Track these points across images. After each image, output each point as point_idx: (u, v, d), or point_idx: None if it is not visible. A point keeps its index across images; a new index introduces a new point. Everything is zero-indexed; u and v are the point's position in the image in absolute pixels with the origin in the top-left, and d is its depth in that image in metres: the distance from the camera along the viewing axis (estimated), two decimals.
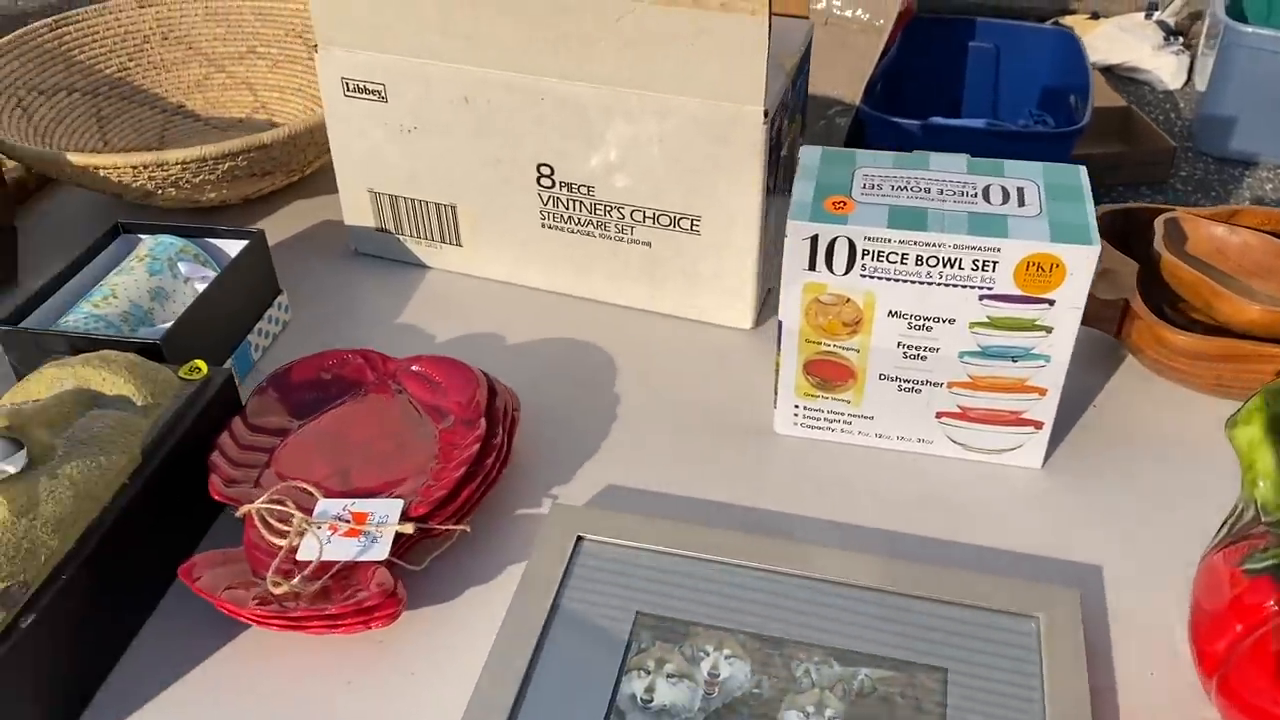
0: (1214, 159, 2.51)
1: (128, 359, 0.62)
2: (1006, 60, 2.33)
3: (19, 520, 0.51)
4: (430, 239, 0.85)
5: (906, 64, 2.17)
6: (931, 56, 2.27)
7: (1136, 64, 2.89)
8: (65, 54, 1.02)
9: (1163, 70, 2.86)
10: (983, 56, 2.33)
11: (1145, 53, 2.89)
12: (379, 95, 0.79)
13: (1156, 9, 3.00)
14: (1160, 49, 2.89)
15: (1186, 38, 2.98)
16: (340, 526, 0.57)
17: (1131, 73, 2.88)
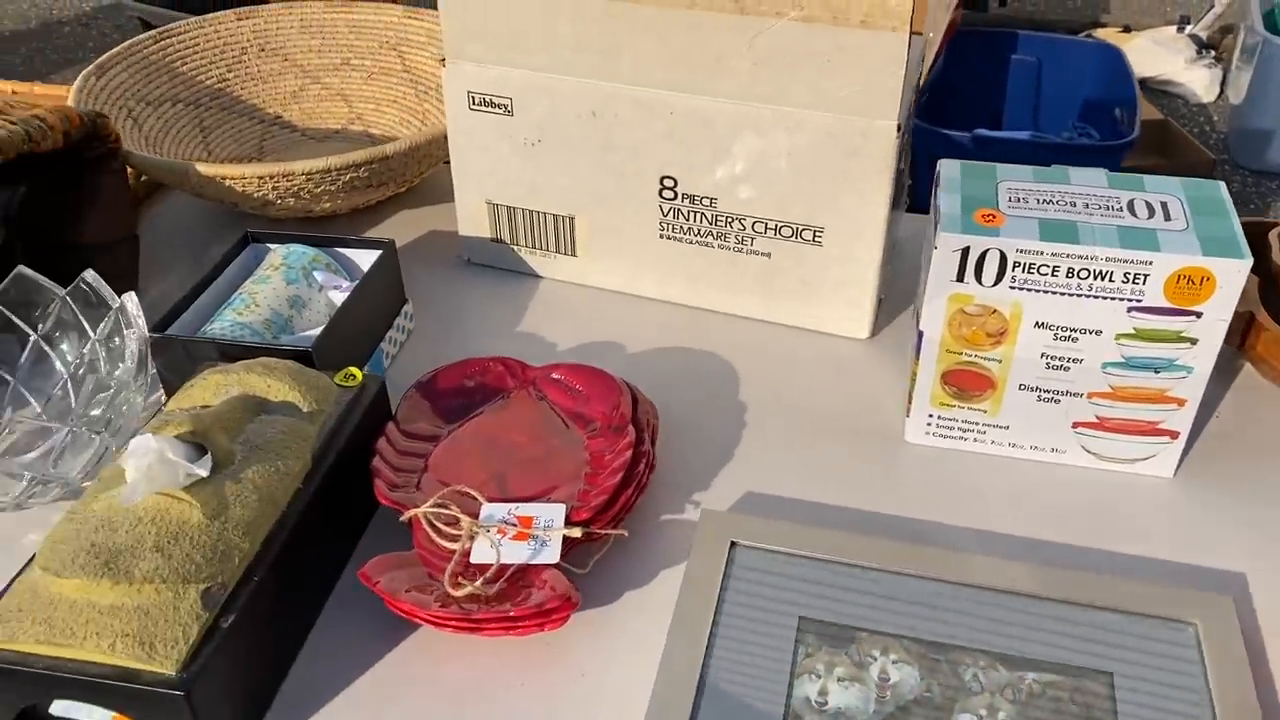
0: (1251, 172, 2.52)
1: (289, 366, 0.63)
2: (1048, 73, 2.35)
3: (212, 523, 0.53)
4: (545, 249, 0.86)
5: (950, 76, 2.19)
6: (974, 69, 2.29)
7: (1170, 77, 2.90)
8: (169, 65, 1.03)
9: (1196, 83, 2.88)
10: (1024, 69, 2.35)
11: (1178, 66, 2.90)
12: (505, 109, 0.80)
13: (1189, 23, 3.01)
14: (1193, 62, 2.90)
15: (1218, 51, 3.00)
16: (508, 530, 0.59)
17: (1165, 86, 2.90)
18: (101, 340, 0.71)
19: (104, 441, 0.63)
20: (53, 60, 3.46)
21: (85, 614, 0.49)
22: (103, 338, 0.71)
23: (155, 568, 0.50)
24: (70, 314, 0.71)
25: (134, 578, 0.49)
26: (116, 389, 0.63)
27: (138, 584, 0.49)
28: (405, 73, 1.09)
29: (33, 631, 0.49)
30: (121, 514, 0.52)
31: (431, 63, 1.07)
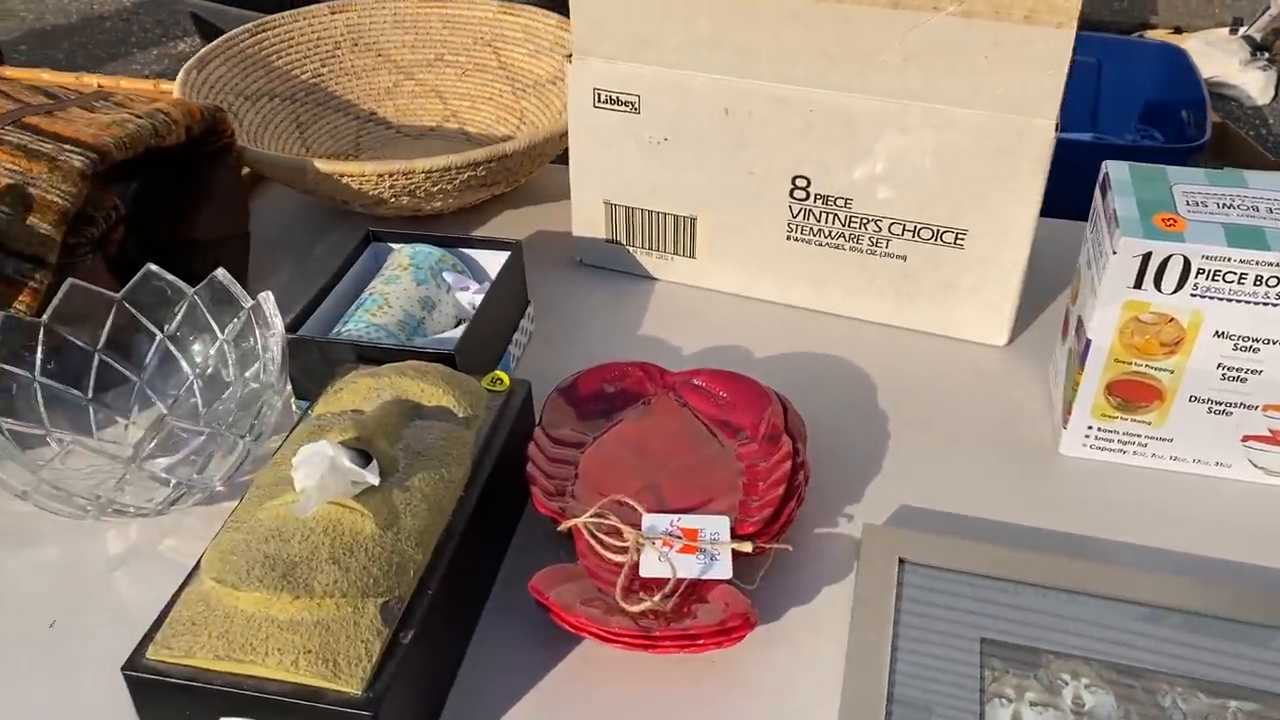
0: None
1: (440, 370, 0.61)
2: (1107, 74, 2.32)
3: (385, 534, 0.51)
4: (662, 251, 0.84)
5: None
6: None
7: (1224, 79, 2.86)
8: (265, 59, 1.01)
9: (1250, 86, 2.84)
10: (1084, 70, 2.31)
11: (1232, 68, 2.86)
12: (632, 107, 0.78)
13: (1243, 24, 2.97)
14: (1247, 64, 2.86)
15: (1272, 53, 2.96)
16: (674, 543, 0.56)
17: (1218, 88, 2.86)
18: (231, 341, 0.69)
19: (246, 446, 0.61)
20: (95, 55, 3.46)
21: (264, 629, 0.47)
22: (231, 338, 0.69)
23: (334, 581, 0.48)
24: (199, 313, 0.69)
25: (314, 591, 0.47)
26: (259, 391, 0.61)
27: (318, 598, 0.47)
28: (500, 69, 1.07)
29: (210, 646, 0.47)
30: (292, 524, 0.50)
31: (528, 59, 1.05)
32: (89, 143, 0.67)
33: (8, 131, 0.68)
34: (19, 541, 0.63)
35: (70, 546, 0.63)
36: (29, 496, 0.57)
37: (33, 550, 0.62)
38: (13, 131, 0.68)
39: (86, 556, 0.62)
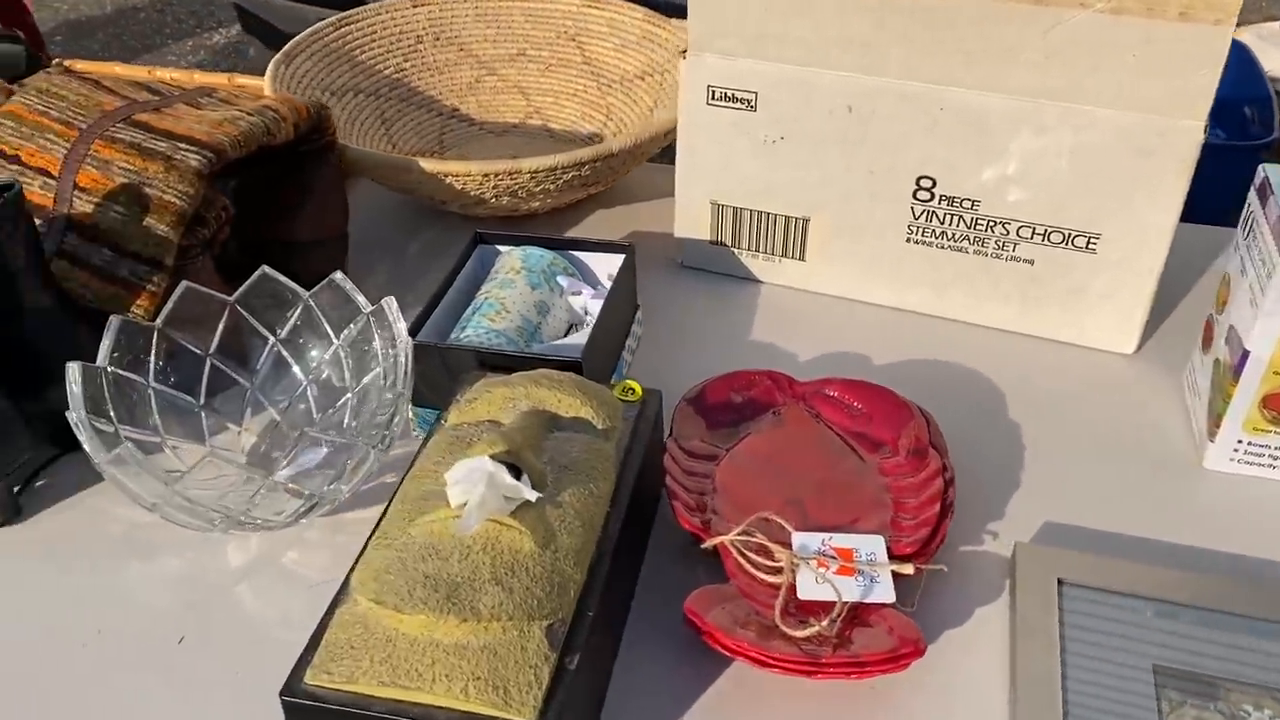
0: None
1: (575, 380, 0.59)
2: None
3: (544, 552, 0.48)
4: (770, 253, 0.82)
5: None
6: None
7: (1275, 74, 2.81)
8: (348, 54, 0.99)
9: None
10: None
11: None
12: (748, 104, 0.75)
13: None
14: None
15: None
16: (829, 563, 0.54)
17: (1273, 83, 2.81)
18: (347, 346, 0.67)
19: (376, 457, 0.59)
20: (130, 46, 3.46)
21: (430, 654, 0.45)
22: (348, 344, 0.67)
23: (499, 603, 0.46)
24: (314, 318, 0.67)
25: (480, 614, 0.45)
26: (389, 400, 0.59)
27: (484, 621, 0.45)
28: (585, 65, 1.04)
29: (374, 672, 0.45)
30: (448, 542, 0.48)
31: (613, 54, 1.03)
32: (204, 141, 0.65)
33: (119, 129, 0.66)
34: (137, 552, 0.61)
35: (190, 559, 0.61)
36: (158, 509, 0.56)
37: (151, 562, 0.61)
38: (124, 129, 0.66)
39: (208, 569, 0.60)
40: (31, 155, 0.66)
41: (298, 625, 0.57)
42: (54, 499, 0.65)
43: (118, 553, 0.61)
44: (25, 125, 0.67)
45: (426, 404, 0.67)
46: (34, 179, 0.66)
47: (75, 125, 0.67)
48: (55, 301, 0.62)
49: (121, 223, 0.64)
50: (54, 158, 0.66)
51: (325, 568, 0.60)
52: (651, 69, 1.00)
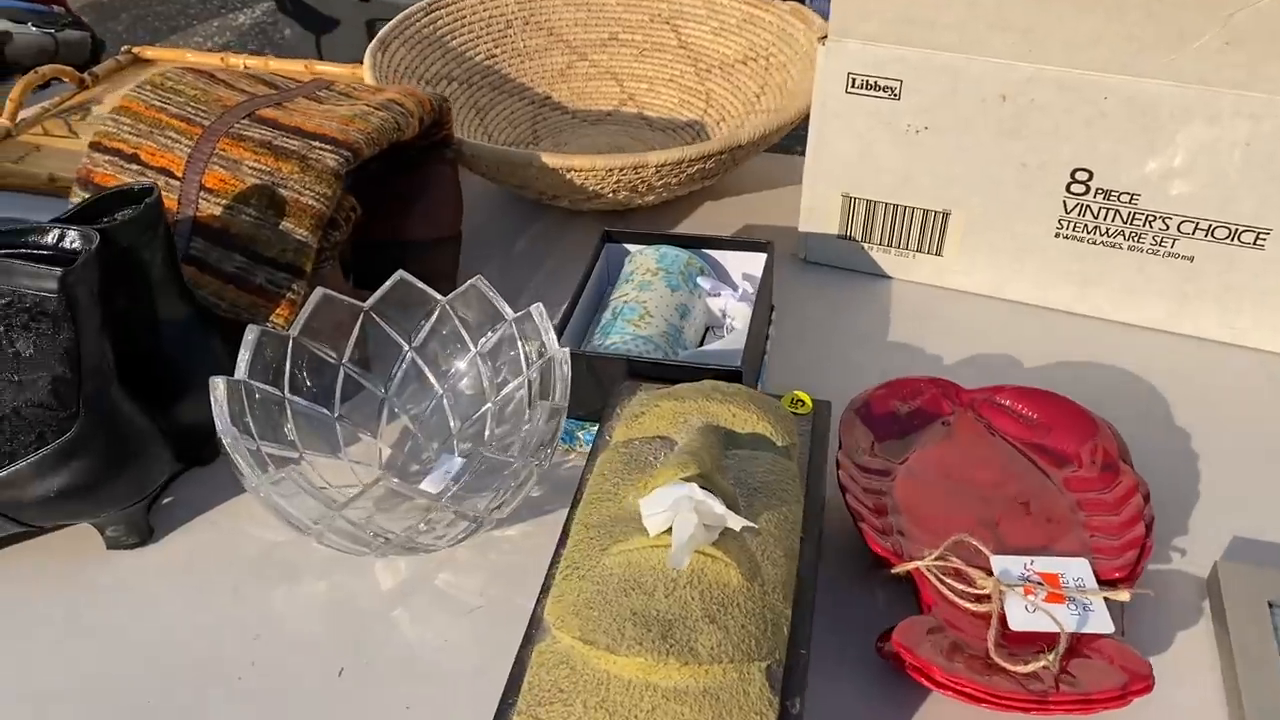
0: None
1: (747, 392, 0.56)
2: None
3: (751, 586, 0.45)
4: (903, 248, 0.78)
5: None
6: None
7: None
8: (440, 40, 0.96)
9: None
10: None
11: None
12: (891, 92, 0.72)
13: None
14: None
15: None
16: (1035, 590, 0.51)
17: None
18: (485, 355, 0.64)
19: (528, 474, 0.55)
20: (154, 27, 3.42)
21: (647, 698, 0.42)
22: (486, 351, 0.64)
23: (718, 643, 0.43)
24: (451, 325, 0.64)
25: (700, 656, 0.42)
26: (549, 413, 0.55)
27: (705, 664, 0.42)
28: (681, 49, 1.00)
29: (590, 719, 0.41)
30: (649, 574, 0.45)
31: (711, 38, 0.99)
32: (339, 139, 0.61)
33: (246, 126, 0.63)
34: (280, 575, 0.58)
35: (336, 582, 0.58)
36: (315, 533, 0.52)
37: (296, 586, 0.58)
38: (251, 126, 0.63)
39: (357, 594, 0.57)
40: (151, 154, 0.63)
41: (463, 653, 0.54)
42: (183, 518, 0.61)
43: (259, 576, 0.58)
44: (143, 122, 0.64)
45: (570, 415, 0.63)
46: (155, 179, 0.63)
47: (197, 122, 0.63)
48: (191, 311, 0.58)
49: (255, 226, 0.60)
50: (176, 157, 0.62)
51: (480, 590, 0.57)
52: (754, 54, 0.96)
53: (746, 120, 0.93)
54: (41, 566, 0.58)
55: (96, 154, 0.64)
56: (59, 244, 0.52)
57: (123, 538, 0.58)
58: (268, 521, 0.61)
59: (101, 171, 0.64)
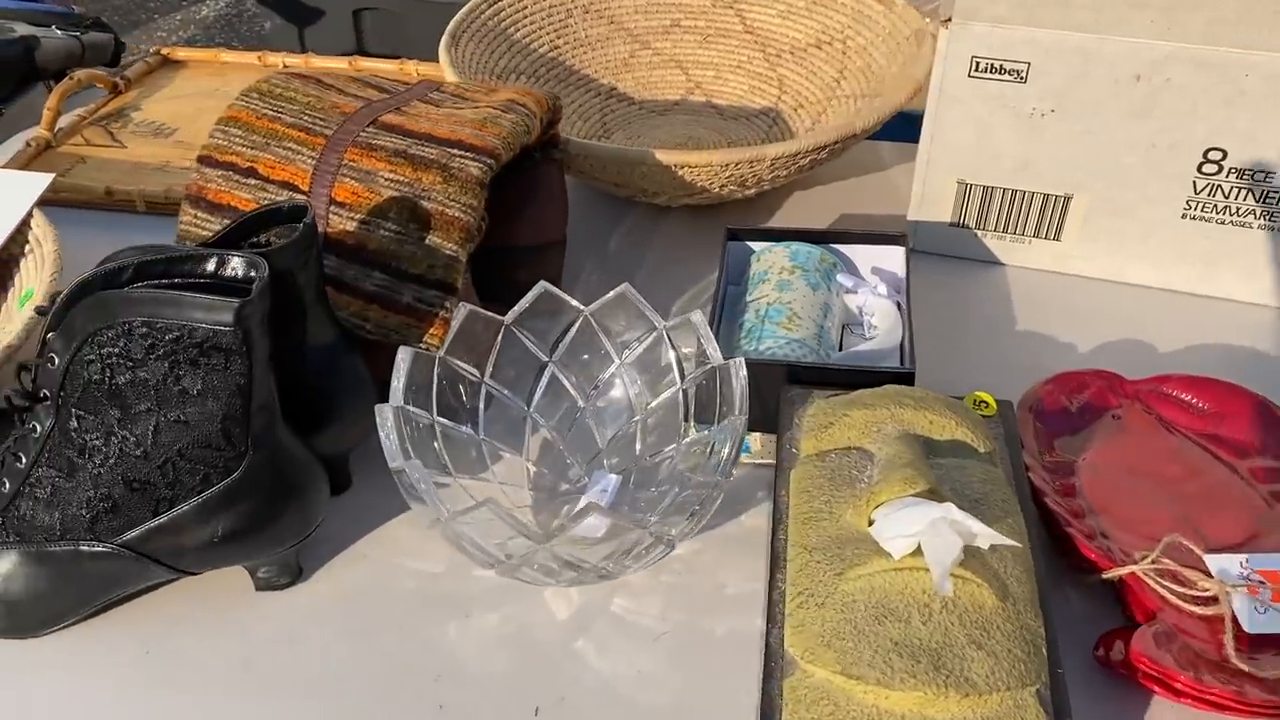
0: None
1: (938, 398, 0.53)
2: None
3: (1004, 605, 0.43)
4: (1019, 234, 0.76)
5: None
6: None
7: None
8: (504, 32, 0.92)
9: None
10: None
11: None
12: (1018, 75, 0.70)
13: None
14: None
15: None
16: (1259, 590, 0.49)
17: None
18: (630, 365, 0.61)
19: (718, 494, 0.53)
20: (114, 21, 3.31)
21: None
22: (631, 362, 0.61)
23: (990, 670, 0.41)
24: (593, 335, 0.61)
25: (977, 686, 0.40)
26: (730, 428, 0.53)
27: (982, 694, 0.40)
28: (747, 34, 0.98)
29: None
30: (898, 599, 0.43)
31: (779, 21, 0.96)
32: (479, 145, 0.58)
33: (373, 134, 0.59)
34: (447, 610, 0.55)
35: (508, 613, 0.55)
36: (510, 568, 0.49)
37: (468, 620, 0.54)
38: (379, 134, 0.59)
39: (533, 624, 0.54)
40: (271, 167, 0.59)
41: (659, 684, 0.51)
42: (327, 553, 0.58)
43: (423, 612, 0.55)
44: (256, 133, 0.60)
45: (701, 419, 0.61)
46: (277, 194, 0.59)
47: (318, 131, 0.59)
48: (337, 334, 0.55)
49: (396, 242, 0.57)
50: (300, 169, 0.59)
51: (661, 614, 0.54)
52: (828, 37, 0.93)
53: (828, 107, 0.90)
54: (187, 614, 0.54)
55: (207, 169, 0.60)
56: (218, 272, 0.48)
57: (275, 578, 0.55)
58: (421, 552, 0.58)
59: (215, 188, 0.60)
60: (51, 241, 0.70)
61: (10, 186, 0.74)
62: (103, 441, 0.48)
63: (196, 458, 0.48)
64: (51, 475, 0.49)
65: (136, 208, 0.85)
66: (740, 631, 0.53)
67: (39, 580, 0.51)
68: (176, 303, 0.45)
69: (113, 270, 0.47)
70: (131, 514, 0.49)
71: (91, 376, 0.47)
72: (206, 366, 0.46)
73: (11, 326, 0.65)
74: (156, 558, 0.51)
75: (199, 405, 0.47)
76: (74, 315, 0.46)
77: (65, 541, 0.50)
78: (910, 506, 0.44)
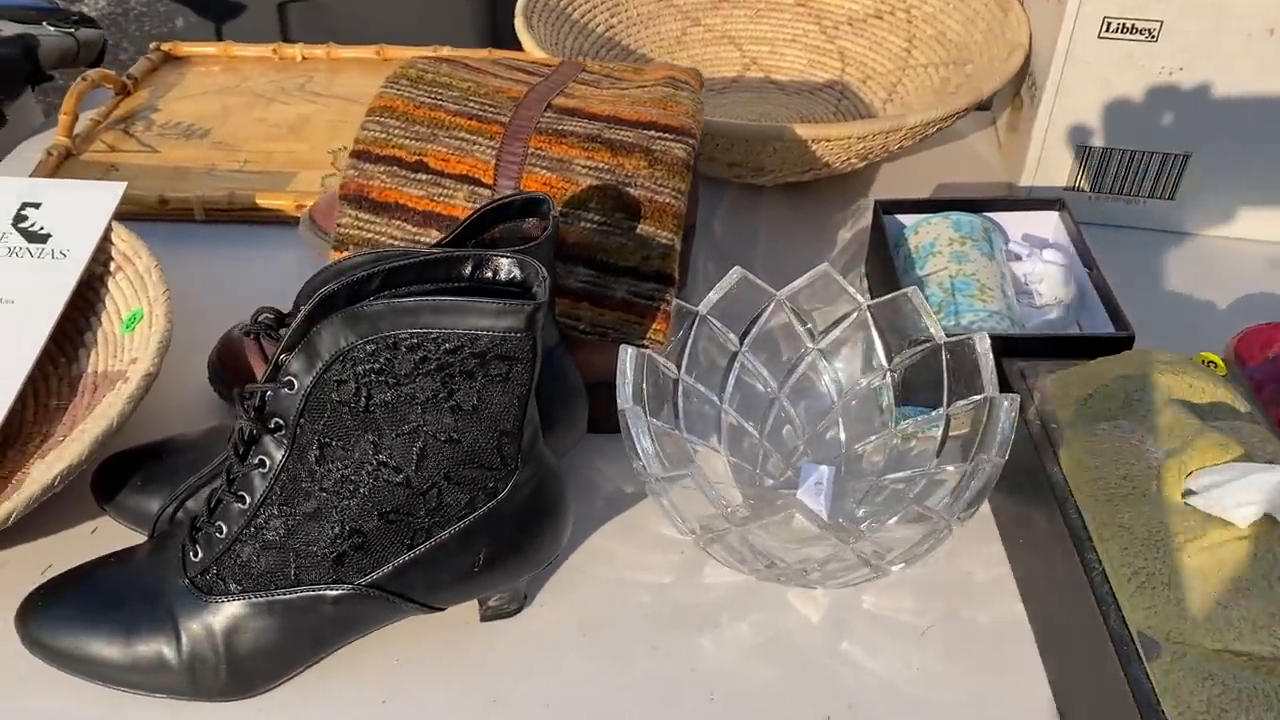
0: None
1: (1182, 359, 0.52)
2: None
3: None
4: (1134, 195, 0.76)
5: None
6: None
7: None
8: (565, 14, 0.87)
9: None
10: None
11: None
12: (1149, 34, 0.69)
13: None
14: None
15: None
16: None
17: None
18: (826, 349, 0.58)
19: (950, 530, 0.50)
20: None
21: None
22: (827, 346, 0.58)
23: None
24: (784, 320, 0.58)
25: None
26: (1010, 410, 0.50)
27: None
28: (800, 7, 0.95)
29: None
30: (1249, 567, 0.42)
31: None
32: (676, 126, 0.54)
33: (555, 119, 0.54)
34: (693, 622, 0.51)
35: (758, 621, 0.51)
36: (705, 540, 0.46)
37: (718, 632, 0.51)
38: (562, 119, 0.54)
39: (789, 630, 0.51)
40: (444, 159, 0.54)
41: (946, 682, 0.49)
42: (545, 572, 0.53)
43: (667, 626, 0.51)
44: (418, 123, 0.55)
45: (918, 403, 0.59)
46: (455, 189, 0.54)
47: (491, 119, 0.55)
48: (558, 336, 0.50)
49: (602, 234, 0.53)
50: (480, 160, 0.54)
51: (918, 608, 0.52)
52: (888, 6, 0.92)
53: (903, 77, 0.89)
54: (414, 653, 0.49)
55: (367, 164, 0.55)
56: (475, 275, 0.43)
57: (505, 605, 0.50)
58: (642, 564, 0.54)
59: (380, 185, 0.54)
60: (145, 257, 0.63)
61: (81, 200, 0.66)
62: (353, 471, 0.43)
63: (465, 480, 0.43)
64: (285, 514, 0.44)
65: (195, 215, 0.77)
66: (1004, 618, 0.51)
67: (267, 634, 0.45)
68: (459, 310, 0.40)
69: (359, 281, 0.42)
70: (384, 550, 0.44)
71: (342, 399, 0.42)
72: (485, 378, 0.42)
73: (132, 353, 0.59)
74: (409, 595, 0.46)
75: (473, 421, 0.42)
76: (320, 333, 0.41)
77: (302, 588, 0.45)
78: (1236, 473, 0.43)
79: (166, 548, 0.47)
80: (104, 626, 0.46)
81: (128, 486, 0.53)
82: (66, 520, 0.56)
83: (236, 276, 0.73)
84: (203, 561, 0.45)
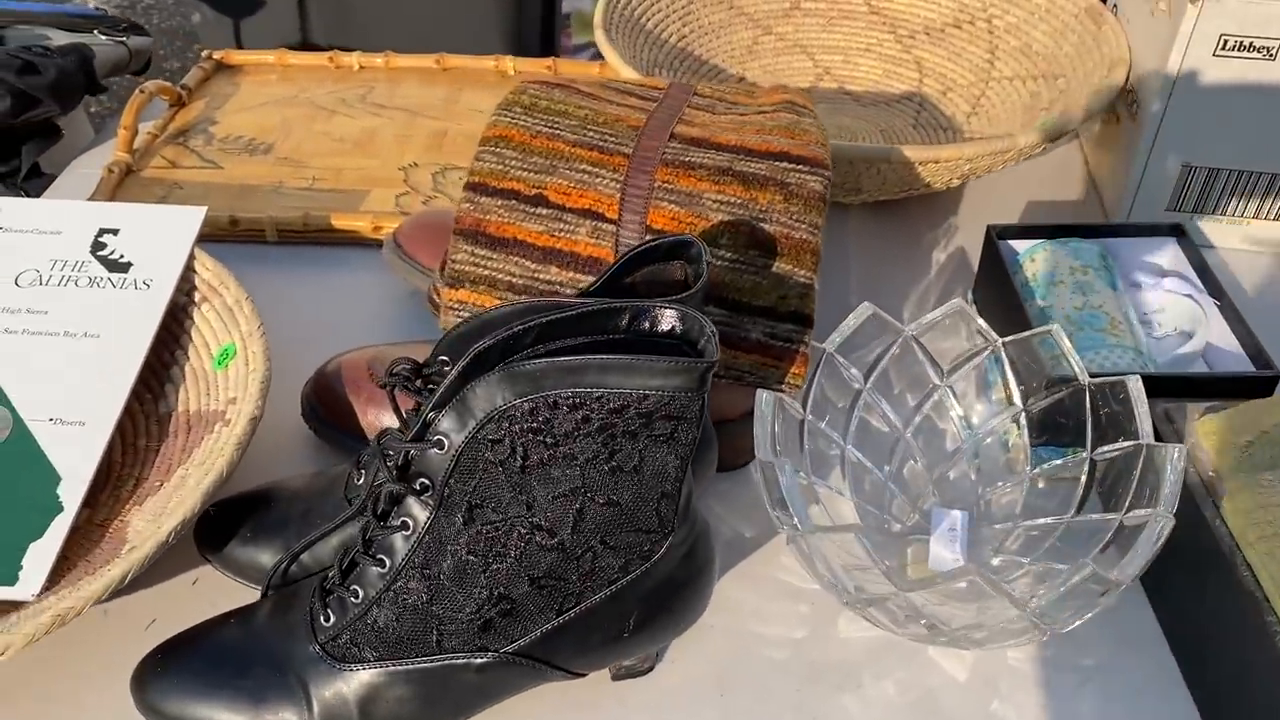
0: None
1: None
2: None
3: None
4: (1235, 215, 0.74)
5: None
6: None
7: None
8: (640, 24, 0.85)
9: None
10: None
11: None
12: (1267, 52, 0.67)
13: None
14: None
15: None
16: None
17: None
18: (954, 387, 0.56)
19: None
20: None
21: None
22: (955, 384, 0.56)
23: None
24: (913, 357, 0.55)
25: None
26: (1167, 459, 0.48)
27: None
28: (873, 15, 0.93)
29: None
30: None
31: (908, 2, 0.91)
32: (806, 156, 0.51)
33: (681, 150, 0.52)
34: (832, 681, 0.49)
35: (901, 680, 0.49)
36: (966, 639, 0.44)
37: (860, 691, 0.48)
38: (689, 150, 0.52)
39: (934, 690, 0.49)
40: (564, 193, 0.51)
41: None
42: None
43: (806, 685, 0.49)
44: (536, 154, 0.52)
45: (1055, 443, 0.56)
46: (578, 224, 0.51)
47: (613, 150, 0.52)
48: None
49: (733, 272, 0.50)
50: (604, 194, 0.51)
51: (1067, 660, 0.50)
52: (968, 16, 0.89)
53: (986, 90, 0.86)
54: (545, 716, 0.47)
55: (483, 198, 0.52)
56: (632, 326, 0.41)
57: (638, 664, 0.48)
58: (769, 615, 0.52)
59: (497, 220, 0.52)
60: (234, 288, 0.60)
61: (160, 225, 0.64)
62: (503, 534, 0.40)
63: (622, 544, 0.41)
64: (427, 578, 0.41)
65: (267, 237, 0.75)
66: (1163, 671, 0.49)
67: (406, 704, 0.43)
68: (626, 369, 0.38)
69: (515, 335, 0.39)
70: (532, 616, 0.42)
71: (496, 459, 0.39)
72: (649, 438, 0.39)
73: (230, 393, 0.56)
74: (554, 662, 0.43)
75: (633, 482, 0.40)
76: (474, 390, 0.39)
77: (445, 655, 0.42)
78: None
79: (291, 609, 0.45)
80: (228, 693, 0.43)
81: (236, 538, 0.50)
82: (165, 571, 0.53)
83: (318, 303, 0.70)
84: (335, 626, 0.43)
